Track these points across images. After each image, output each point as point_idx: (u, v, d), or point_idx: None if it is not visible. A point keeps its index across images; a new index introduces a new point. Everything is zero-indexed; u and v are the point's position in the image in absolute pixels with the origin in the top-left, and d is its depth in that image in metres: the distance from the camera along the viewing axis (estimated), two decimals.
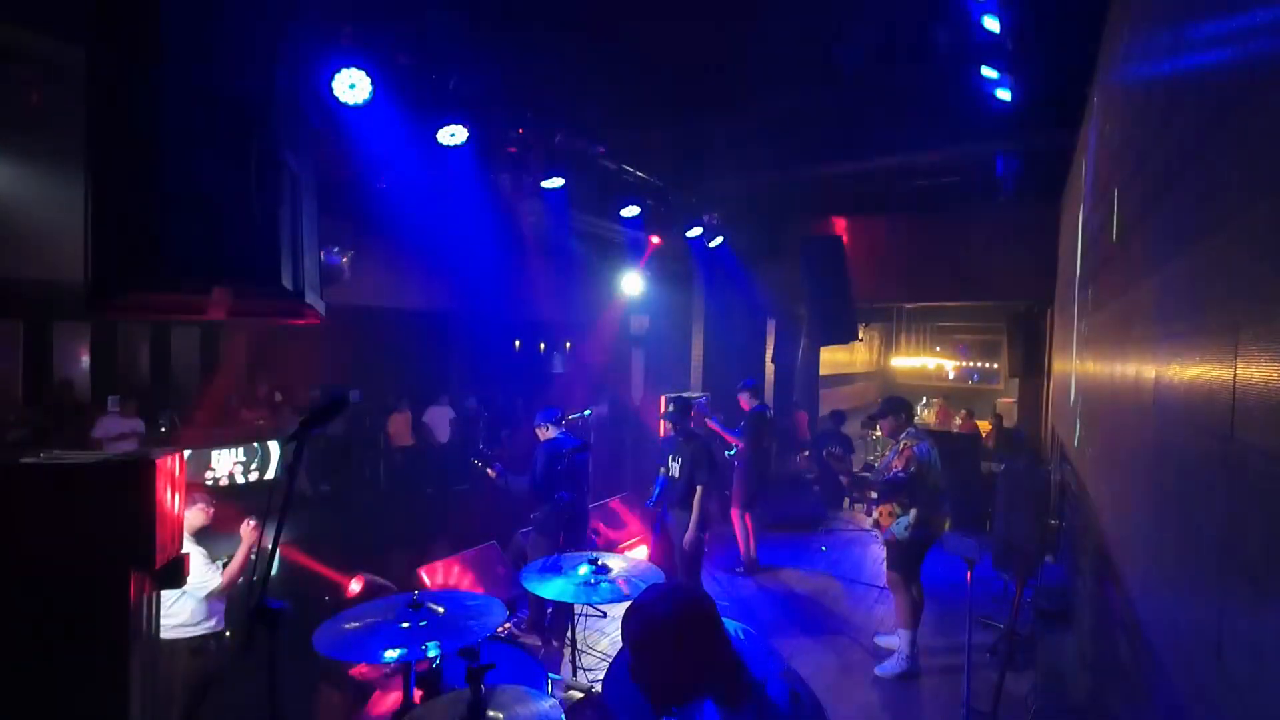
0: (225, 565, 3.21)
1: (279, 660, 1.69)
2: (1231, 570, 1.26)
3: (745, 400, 6.59)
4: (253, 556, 3.26)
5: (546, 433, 4.75)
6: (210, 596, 3.11)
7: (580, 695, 2.94)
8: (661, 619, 1.42)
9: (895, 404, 4.65)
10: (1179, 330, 1.73)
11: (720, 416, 6.92)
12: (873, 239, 8.65)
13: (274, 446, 8.67)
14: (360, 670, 3.04)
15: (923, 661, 4.37)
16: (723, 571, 6.30)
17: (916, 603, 4.38)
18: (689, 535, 4.87)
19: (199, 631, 3.11)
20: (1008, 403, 12.13)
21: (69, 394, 8.49)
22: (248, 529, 3.21)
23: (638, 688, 1.44)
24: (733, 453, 6.66)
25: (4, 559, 1.63)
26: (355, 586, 3.59)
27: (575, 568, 3.11)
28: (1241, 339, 1.22)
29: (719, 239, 7.85)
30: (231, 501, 3.44)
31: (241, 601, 3.31)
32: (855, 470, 4.58)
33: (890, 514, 4.36)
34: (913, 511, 4.28)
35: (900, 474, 4.26)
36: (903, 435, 4.47)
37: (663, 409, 7.77)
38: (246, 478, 8.41)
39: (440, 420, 10.42)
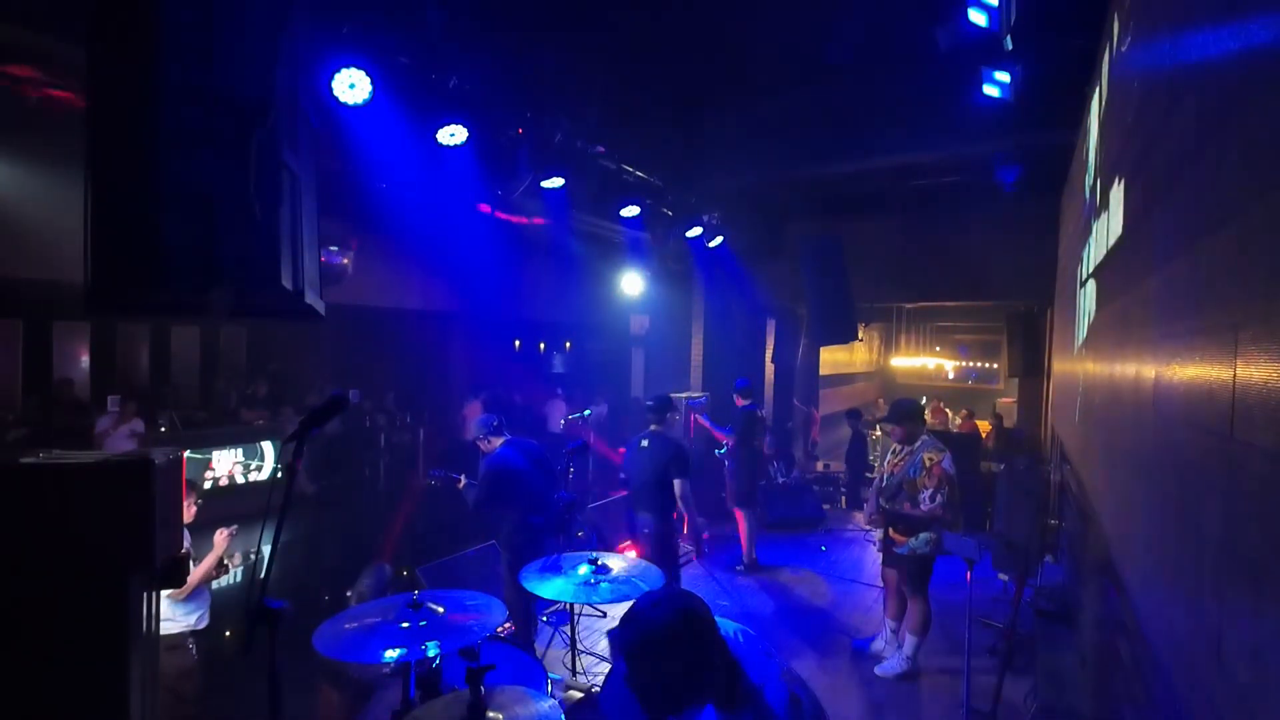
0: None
1: (278, 660, 1.70)
2: (1231, 570, 1.26)
3: (738, 400, 6.61)
4: (226, 562, 3.25)
5: (488, 445, 4.26)
6: (172, 596, 3.08)
7: (580, 695, 2.94)
8: (656, 627, 1.41)
9: (907, 409, 4.30)
10: (1179, 330, 1.73)
11: (709, 415, 6.95)
12: (873, 239, 8.65)
13: (273, 446, 8.67)
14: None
15: (922, 661, 4.37)
16: (723, 571, 6.30)
17: (929, 611, 4.30)
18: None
19: (175, 629, 3.09)
20: (1008, 403, 12.13)
21: (68, 393, 8.50)
22: (220, 536, 3.20)
23: (634, 697, 1.43)
24: (722, 451, 6.66)
25: (4, 559, 1.63)
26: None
27: (575, 568, 3.11)
28: (1241, 339, 1.22)
29: (719, 239, 7.86)
30: (231, 501, 3.42)
31: (240, 601, 3.30)
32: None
33: (910, 529, 4.18)
34: (935, 529, 4.11)
35: (936, 495, 4.03)
36: (920, 446, 4.16)
37: None
38: (246, 478, 8.41)
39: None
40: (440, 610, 2.41)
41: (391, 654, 2.18)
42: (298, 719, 3.34)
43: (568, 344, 15.87)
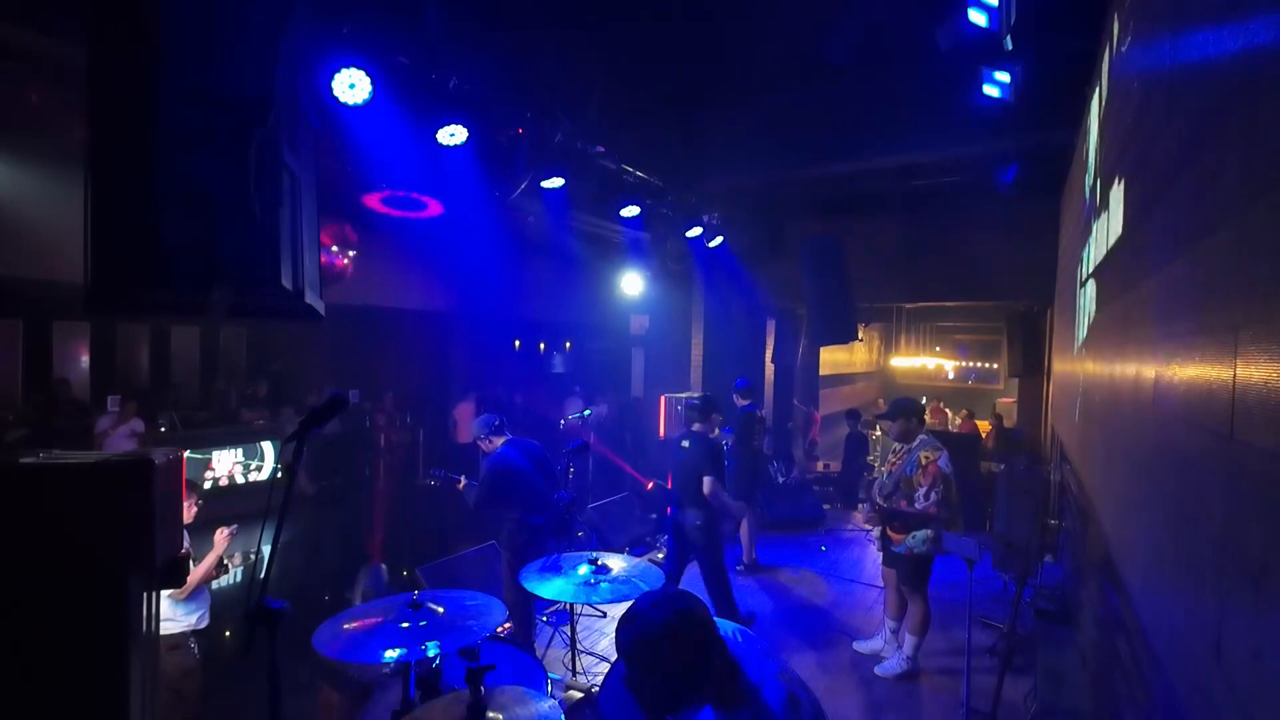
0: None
1: (278, 660, 1.70)
2: (1231, 570, 1.26)
3: (737, 400, 6.62)
4: (226, 562, 3.25)
5: (489, 445, 4.28)
6: (173, 596, 3.07)
7: (580, 695, 2.94)
8: (654, 626, 1.42)
9: (905, 406, 4.34)
10: (1179, 330, 1.73)
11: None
12: (873, 239, 8.65)
13: (272, 446, 8.68)
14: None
15: (922, 661, 4.37)
16: None
17: (928, 612, 4.29)
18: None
19: (176, 629, 3.09)
20: (1008, 403, 12.13)
21: (65, 392, 8.49)
22: (221, 536, 3.20)
23: (633, 696, 1.43)
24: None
25: (4, 559, 1.62)
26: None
27: (575, 568, 3.11)
28: (1241, 339, 1.22)
29: (719, 239, 7.86)
30: (231, 501, 3.41)
31: (240, 601, 3.30)
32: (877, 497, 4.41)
33: (906, 527, 4.17)
34: (931, 528, 4.09)
35: (930, 493, 4.01)
36: (918, 445, 4.15)
37: (663, 407, 7.83)
38: (246, 478, 8.41)
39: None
40: (440, 610, 2.41)
41: (391, 654, 2.18)
42: (298, 719, 3.34)
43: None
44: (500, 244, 8.37)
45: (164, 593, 3.00)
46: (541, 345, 15.55)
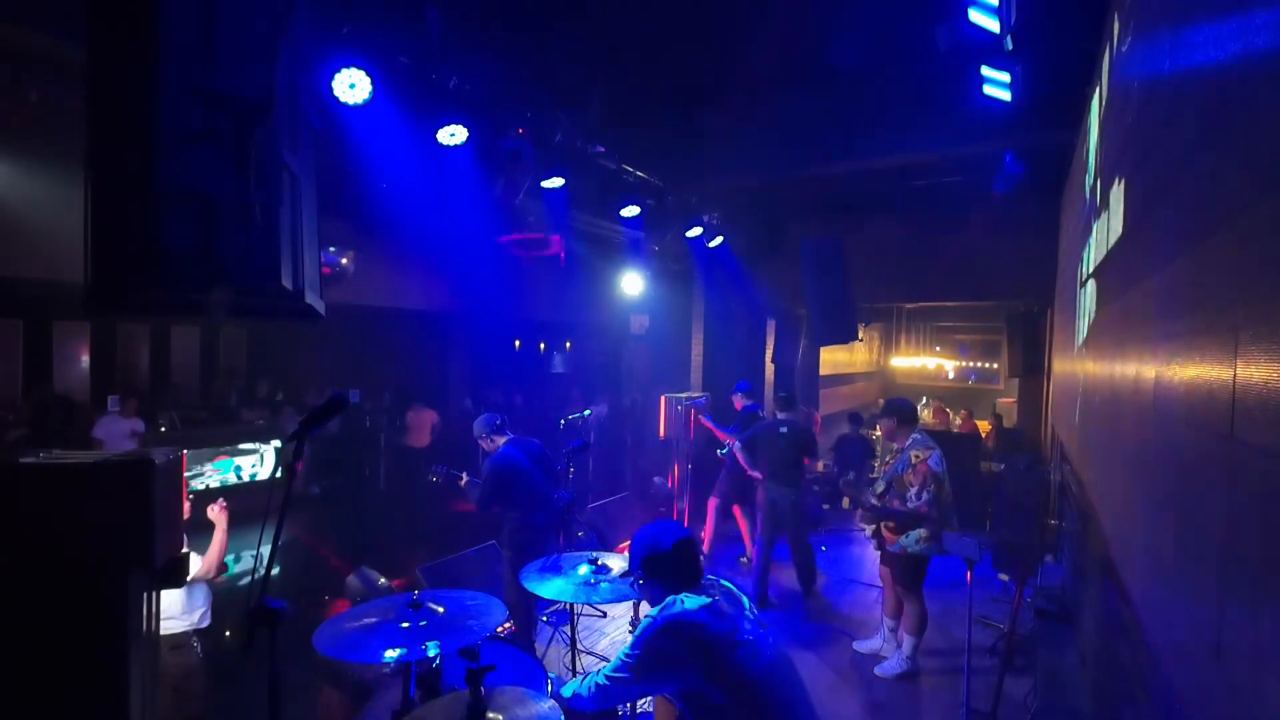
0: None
1: (278, 660, 1.70)
2: (1231, 570, 1.26)
3: (738, 401, 6.63)
4: (258, 554, 3.23)
5: (491, 444, 4.28)
6: (193, 583, 3.04)
7: None
8: (645, 542, 2.22)
9: (893, 406, 4.41)
10: (1179, 330, 1.73)
11: (712, 415, 6.99)
12: (873, 239, 8.65)
13: (274, 446, 8.68)
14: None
15: (922, 661, 4.37)
16: (724, 569, 6.30)
17: (924, 611, 4.31)
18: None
19: (181, 627, 3.07)
20: (1008, 403, 12.13)
21: (50, 394, 8.44)
22: (215, 512, 3.15)
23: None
24: (724, 451, 6.68)
25: (3, 559, 1.63)
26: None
27: (575, 568, 3.11)
28: (1241, 339, 1.22)
29: (719, 239, 7.86)
30: (229, 501, 3.38)
31: (241, 600, 3.29)
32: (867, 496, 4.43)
33: (901, 526, 4.18)
34: (924, 527, 4.08)
35: (921, 493, 4.02)
36: (910, 444, 4.18)
37: (663, 407, 7.85)
38: (246, 478, 8.41)
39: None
40: (440, 610, 2.41)
41: (391, 654, 2.18)
42: (298, 719, 3.34)
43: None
44: (500, 244, 8.36)
45: (190, 572, 2.96)
46: (541, 345, 15.55)
